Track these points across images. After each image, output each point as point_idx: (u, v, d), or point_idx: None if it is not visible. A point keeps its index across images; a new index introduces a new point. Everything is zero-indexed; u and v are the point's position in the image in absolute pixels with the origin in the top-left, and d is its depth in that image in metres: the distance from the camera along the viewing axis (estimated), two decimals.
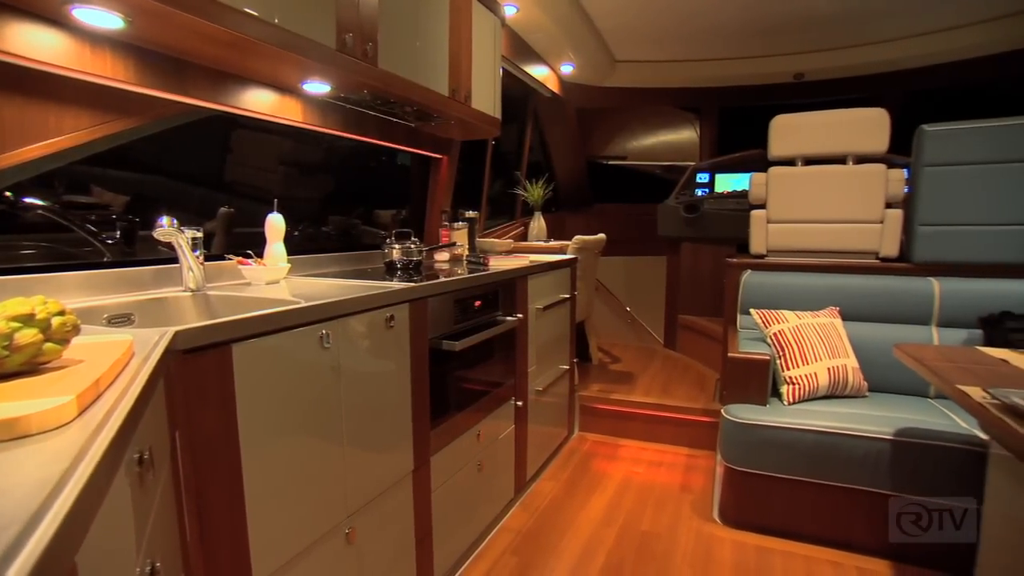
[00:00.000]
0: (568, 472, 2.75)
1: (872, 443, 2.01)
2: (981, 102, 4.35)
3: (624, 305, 4.93)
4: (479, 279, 2.00)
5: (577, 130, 4.73)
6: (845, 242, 2.67)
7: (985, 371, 1.55)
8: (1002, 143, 2.39)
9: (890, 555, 2.02)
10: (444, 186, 2.95)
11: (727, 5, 3.39)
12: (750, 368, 2.23)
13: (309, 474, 1.23)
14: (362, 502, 1.42)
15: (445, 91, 2.24)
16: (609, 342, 4.54)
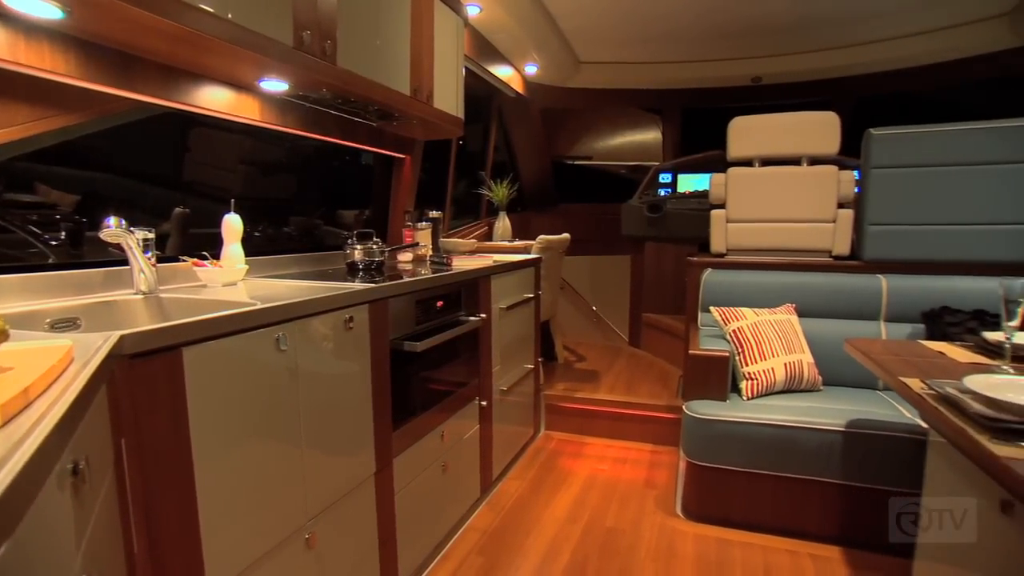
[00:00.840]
0: (534, 471, 2.76)
1: (825, 435, 2.08)
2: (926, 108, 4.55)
3: (590, 304, 4.97)
4: (441, 279, 1.99)
5: (542, 130, 4.76)
6: (800, 241, 2.76)
7: (925, 363, 1.62)
8: (943, 147, 2.50)
9: (841, 541, 2.10)
10: (407, 186, 2.92)
11: (688, 10, 3.46)
12: (710, 365, 2.28)
13: (267, 479, 1.21)
14: (322, 506, 1.40)
15: (407, 90, 2.22)
16: (575, 341, 4.58)
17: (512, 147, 4.79)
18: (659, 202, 3.75)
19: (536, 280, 2.99)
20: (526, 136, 4.71)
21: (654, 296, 4.24)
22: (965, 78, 3.88)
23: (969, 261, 2.48)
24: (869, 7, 3.38)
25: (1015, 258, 2.43)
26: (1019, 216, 2.43)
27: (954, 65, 3.77)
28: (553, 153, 5.33)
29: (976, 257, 2.48)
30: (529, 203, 5.10)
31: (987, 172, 2.46)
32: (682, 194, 4.01)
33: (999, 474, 0.98)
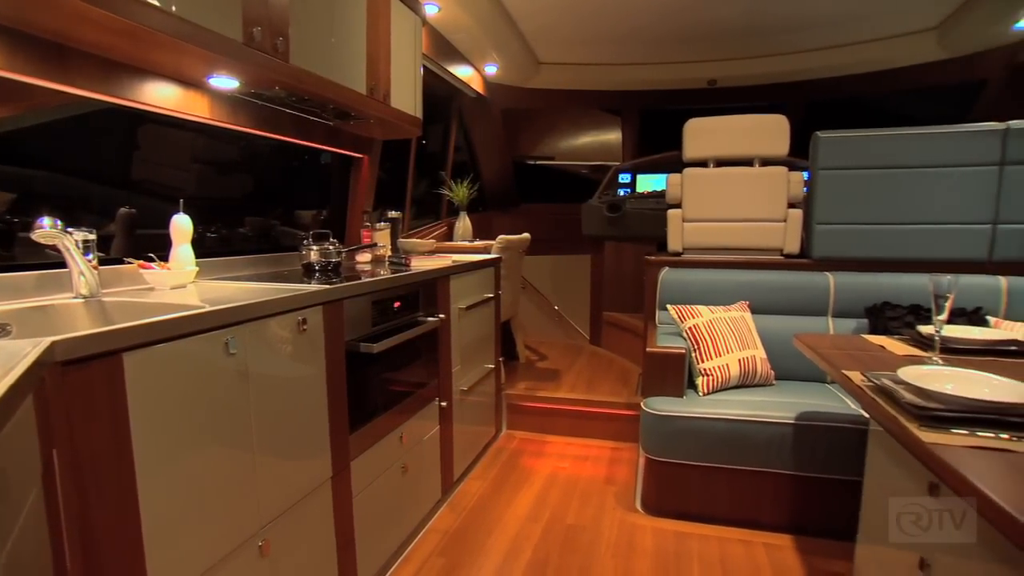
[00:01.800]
0: (496, 470, 2.76)
1: (777, 428, 2.15)
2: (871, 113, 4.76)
3: (551, 303, 5.01)
4: (398, 280, 1.98)
5: (502, 130, 4.76)
6: (753, 240, 2.84)
7: (867, 356, 1.69)
8: (885, 151, 2.61)
9: (792, 529, 2.18)
10: (365, 186, 2.89)
11: (645, 13, 3.52)
12: (667, 362, 2.33)
13: (216, 487, 1.18)
14: (276, 512, 1.37)
15: (363, 89, 2.19)
16: (536, 340, 4.61)
17: (473, 147, 4.78)
18: (618, 202, 3.81)
19: (496, 280, 3.00)
20: (487, 136, 4.72)
21: (614, 295, 4.30)
22: (903, 86, 4.08)
23: (909, 259, 2.59)
24: (815, 16, 3.51)
25: (951, 256, 2.56)
26: (954, 217, 2.56)
27: (893, 73, 3.97)
28: (515, 153, 5.34)
29: (915, 255, 2.60)
30: (490, 203, 5.10)
31: (926, 175, 2.58)
32: (641, 194, 4.08)
33: (926, 459, 1.03)
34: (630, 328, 3.87)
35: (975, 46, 3.55)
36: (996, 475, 0.93)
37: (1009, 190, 2.48)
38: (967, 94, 3.86)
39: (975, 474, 0.92)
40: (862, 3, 3.31)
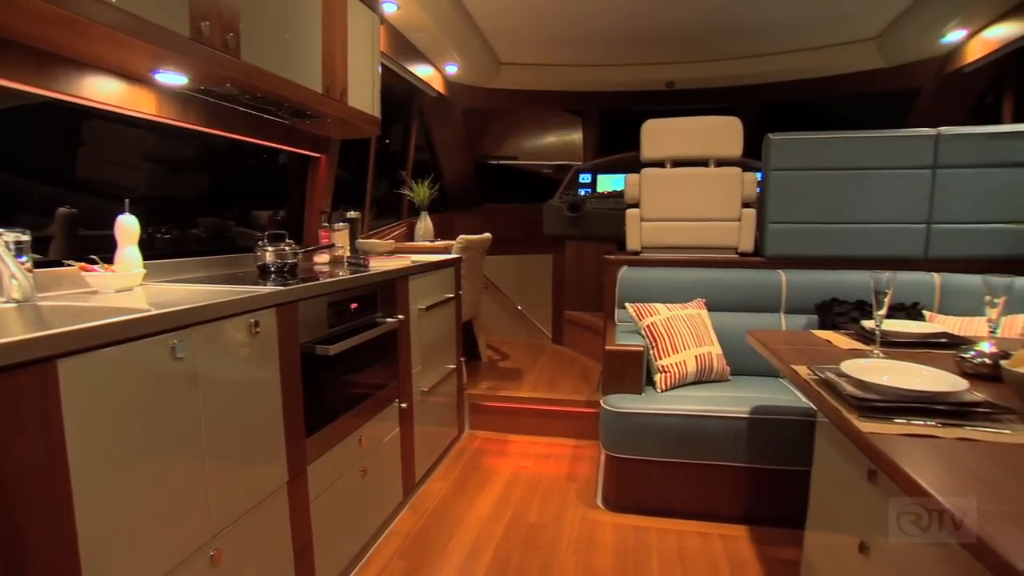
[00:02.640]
0: (458, 471, 2.76)
1: (731, 422, 2.21)
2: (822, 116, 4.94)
3: (514, 303, 5.02)
4: (354, 281, 1.95)
5: (464, 130, 4.75)
6: (709, 239, 2.91)
7: (814, 351, 1.75)
8: (832, 153, 2.72)
9: (747, 520, 2.25)
10: (323, 186, 2.84)
11: (604, 16, 3.56)
12: (625, 359, 2.37)
13: (163, 497, 1.14)
14: (229, 520, 1.33)
15: (319, 88, 2.16)
16: (499, 339, 4.62)
17: (434, 147, 4.76)
18: (579, 202, 3.85)
19: (457, 280, 2.99)
20: (448, 136, 4.70)
21: (575, 294, 4.35)
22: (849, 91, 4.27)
23: (855, 257, 2.70)
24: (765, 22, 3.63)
25: (892, 254, 2.68)
26: (894, 217, 2.68)
27: (839, 79, 4.15)
28: (479, 153, 5.34)
29: (860, 253, 2.71)
30: (452, 203, 5.08)
31: (868, 177, 2.69)
32: (601, 194, 4.13)
33: (864, 447, 1.08)
34: (591, 327, 3.92)
35: (910, 56, 3.74)
36: (922, 460, 0.98)
37: (941, 192, 2.61)
38: (905, 101, 4.05)
39: (905, 460, 0.96)
40: (808, 11, 3.44)
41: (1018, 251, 2.56)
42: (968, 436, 1.07)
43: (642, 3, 3.35)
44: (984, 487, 0.90)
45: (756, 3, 3.33)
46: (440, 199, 4.77)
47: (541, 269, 4.79)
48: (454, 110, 4.52)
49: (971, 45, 3.37)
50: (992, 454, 1.00)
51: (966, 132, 2.59)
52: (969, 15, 3.14)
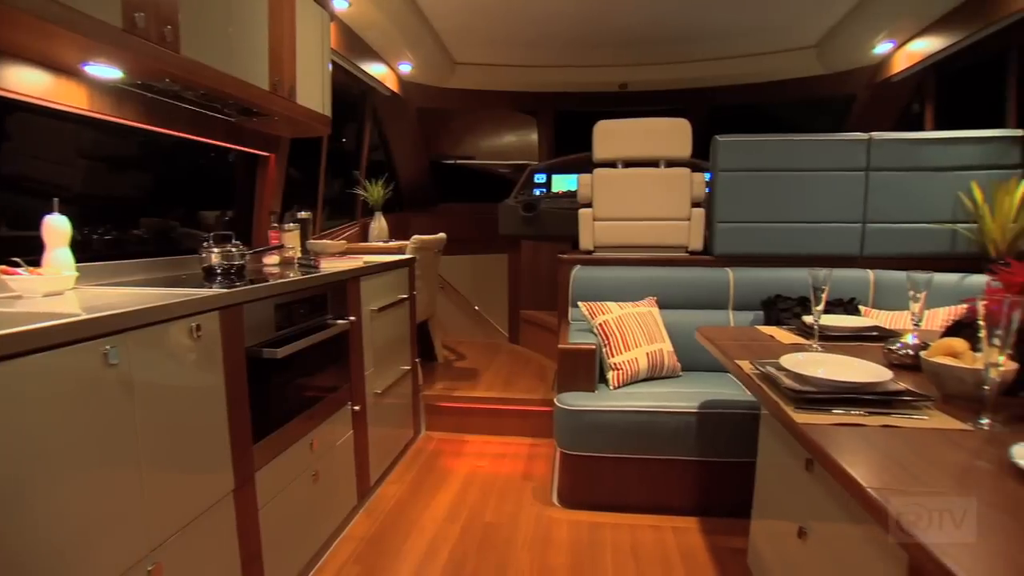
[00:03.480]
0: (414, 473, 2.74)
1: (682, 417, 2.27)
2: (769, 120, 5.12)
3: (470, 302, 5.02)
4: (303, 282, 1.91)
5: (419, 129, 4.72)
6: (660, 238, 2.97)
7: (758, 346, 1.82)
8: (776, 155, 2.83)
9: (698, 512, 2.31)
10: (272, 186, 2.77)
11: (557, 18, 3.60)
12: (578, 358, 2.40)
13: (93, 511, 1.09)
14: (169, 532, 1.29)
15: (266, 85, 2.11)
16: (456, 339, 4.60)
17: (389, 146, 4.71)
18: (533, 201, 3.87)
19: (410, 280, 2.97)
20: (403, 135, 4.66)
21: (531, 293, 4.37)
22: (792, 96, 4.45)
23: (798, 254, 2.81)
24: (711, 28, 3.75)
25: (831, 252, 2.81)
26: (833, 216, 2.81)
27: (783, 84, 4.32)
28: (437, 152, 5.31)
29: (803, 251, 2.82)
30: (408, 203, 5.04)
31: (809, 178, 2.81)
32: (556, 194, 4.17)
33: (799, 437, 1.12)
34: (547, 325, 3.95)
35: (846, 64, 3.94)
36: (849, 447, 1.03)
37: (874, 193, 2.76)
38: (843, 106, 4.25)
39: (834, 447, 1.01)
40: (751, 19, 3.57)
41: (942, 249, 2.72)
42: (891, 423, 1.13)
43: (594, 6, 3.41)
44: (901, 469, 0.95)
45: (703, 9, 3.43)
46: (395, 199, 4.72)
47: (497, 269, 4.80)
48: (408, 109, 4.49)
49: (898, 56, 3.57)
50: (910, 439, 1.07)
51: (894, 137, 2.74)
52: (895, 29, 3.34)
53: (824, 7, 3.41)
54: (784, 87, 4.34)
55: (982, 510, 0.81)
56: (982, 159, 2.66)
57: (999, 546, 0.74)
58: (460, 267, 4.94)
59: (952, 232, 2.70)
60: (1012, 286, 1.26)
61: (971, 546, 0.72)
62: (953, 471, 0.95)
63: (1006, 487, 0.87)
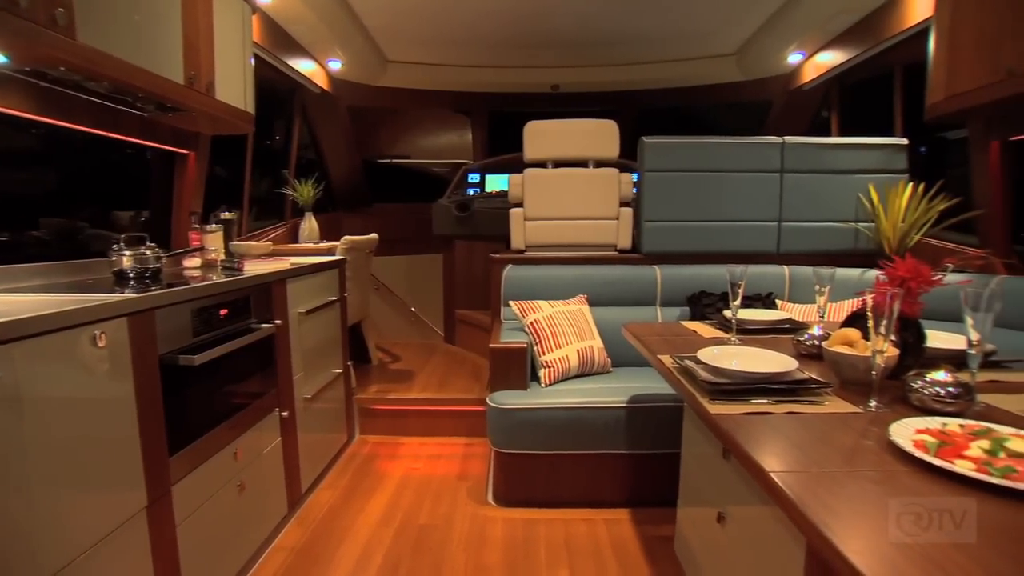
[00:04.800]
0: (347, 478, 2.68)
1: (612, 412, 2.33)
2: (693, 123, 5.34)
3: (406, 303, 4.96)
4: (223, 285, 1.84)
5: (351, 128, 4.62)
6: (590, 236, 3.04)
7: (680, 341, 1.89)
8: (699, 156, 2.95)
9: (629, 503, 2.38)
10: (192, 185, 2.65)
11: (488, 18, 3.61)
12: (510, 357, 2.42)
13: None
14: (72, 556, 1.20)
15: (180, 79, 2.01)
16: (391, 341, 4.54)
17: (319, 145, 4.59)
18: (467, 201, 3.87)
19: (341, 282, 2.90)
20: (334, 134, 4.55)
21: (466, 293, 4.37)
22: (715, 100, 4.67)
23: (721, 252, 2.94)
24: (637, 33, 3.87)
25: (751, 249, 2.96)
26: (752, 215, 2.96)
27: (707, 89, 4.52)
28: (374, 151, 5.22)
29: (725, 248, 2.96)
30: (340, 203, 4.93)
31: (730, 179, 2.95)
32: (489, 194, 4.18)
33: (714, 428, 1.18)
34: (482, 325, 3.96)
35: (763, 72, 4.17)
36: (756, 433, 1.10)
37: (788, 194, 2.93)
38: (761, 111, 4.49)
39: (742, 435, 1.07)
40: (674, 25, 3.72)
41: (847, 246, 2.92)
42: (794, 410, 1.21)
43: (524, 8, 3.44)
44: (800, 452, 1.02)
45: (630, 14, 3.53)
46: (327, 199, 4.61)
47: (432, 269, 4.77)
48: (339, 107, 4.38)
49: (807, 67, 3.82)
50: (810, 423, 1.15)
51: (804, 142, 2.92)
52: (804, 40, 3.57)
53: (741, 18, 3.59)
54: (708, 91, 4.53)
55: (862, 484, 0.89)
56: (876, 164, 2.89)
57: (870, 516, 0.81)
58: (395, 268, 4.88)
59: (855, 230, 2.91)
60: (895, 280, 1.37)
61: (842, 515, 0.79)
62: (843, 451, 1.03)
63: (884, 462, 0.96)
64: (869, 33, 3.11)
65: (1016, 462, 0.88)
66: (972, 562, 0.68)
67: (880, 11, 3.00)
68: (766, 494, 0.92)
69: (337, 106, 4.35)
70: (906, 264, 1.40)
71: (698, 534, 1.79)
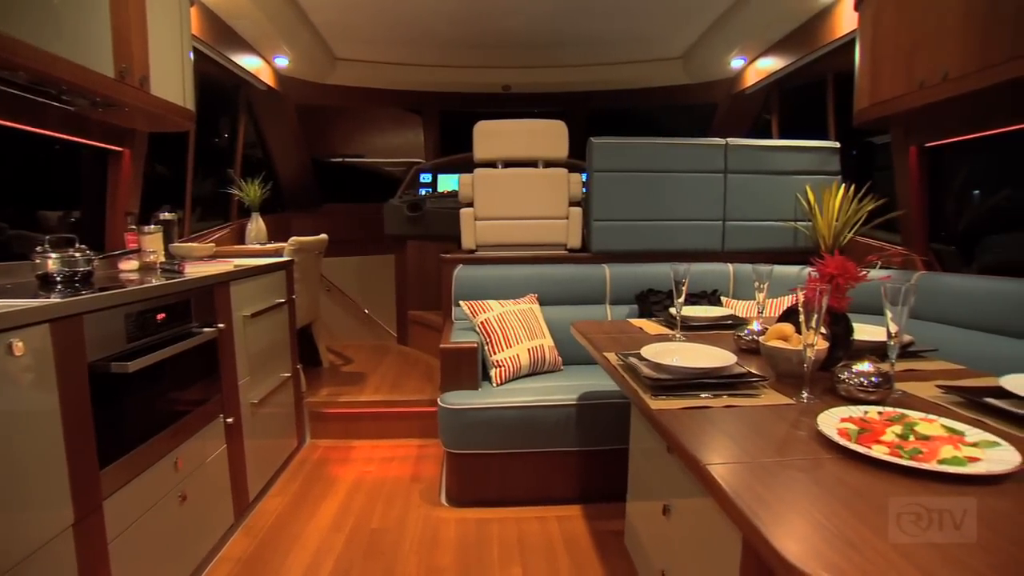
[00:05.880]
0: (298, 484, 2.62)
1: (562, 410, 2.35)
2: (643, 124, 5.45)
3: (358, 304, 4.89)
4: (160, 289, 1.77)
5: (299, 126, 4.52)
6: (540, 236, 3.07)
7: (626, 338, 1.93)
8: (648, 157, 3.01)
9: (580, 499, 2.41)
10: (127, 184, 2.53)
11: (437, 17, 3.59)
12: (460, 357, 2.42)
13: None
14: None
15: (110, 72, 1.91)
16: (343, 343, 4.47)
17: (267, 144, 4.46)
18: (418, 201, 3.85)
19: (289, 283, 2.83)
20: (282, 132, 4.43)
21: (418, 293, 4.34)
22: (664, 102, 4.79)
23: (668, 250, 3.01)
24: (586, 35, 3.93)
25: (697, 247, 3.05)
26: (698, 214, 3.05)
27: (655, 91, 4.62)
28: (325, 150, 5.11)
29: (673, 247, 3.03)
30: (289, 203, 4.81)
31: (677, 179, 3.02)
32: (441, 194, 4.16)
33: (655, 423, 1.21)
34: (434, 325, 3.94)
35: (708, 76, 4.30)
36: (694, 427, 1.13)
37: (731, 193, 3.03)
38: (707, 113, 4.63)
39: (681, 430, 1.11)
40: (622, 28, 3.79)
41: (787, 244, 3.05)
42: (731, 403, 1.25)
43: (474, 7, 3.44)
44: (734, 444, 1.06)
45: (578, 17, 3.58)
46: (276, 199, 4.49)
47: (384, 270, 4.71)
48: (287, 105, 4.28)
49: (749, 71, 3.97)
50: (746, 416, 1.19)
51: (745, 143, 3.03)
52: (745, 46, 3.71)
53: (686, 23, 3.69)
54: (656, 93, 4.64)
55: (791, 473, 0.93)
56: (812, 166, 3.03)
57: (796, 503, 0.85)
58: (346, 269, 4.80)
59: (794, 229, 3.03)
60: (825, 276, 1.44)
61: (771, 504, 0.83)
62: (776, 441, 1.07)
63: (812, 450, 1.01)
64: (804, 42, 3.26)
65: (923, 444, 0.94)
66: (884, 542, 0.73)
67: (813, 21, 3.15)
68: (702, 487, 0.96)
69: (285, 104, 4.24)
70: (834, 261, 1.47)
71: (646, 527, 1.84)
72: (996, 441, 0.97)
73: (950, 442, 0.94)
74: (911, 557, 0.69)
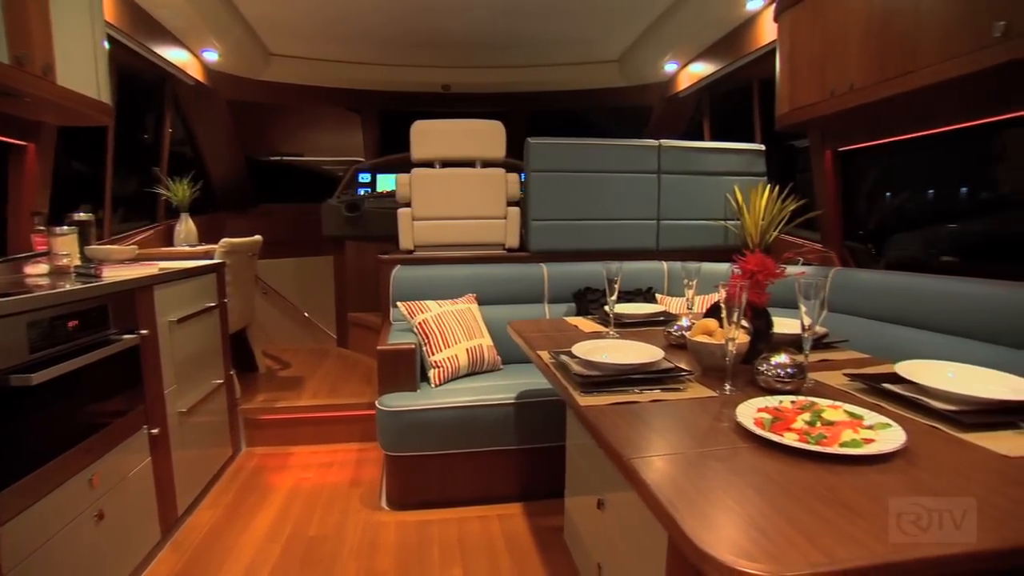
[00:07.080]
0: (231, 495, 2.52)
1: (501, 409, 2.36)
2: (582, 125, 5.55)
3: (297, 307, 4.75)
4: (70, 294, 1.65)
5: (232, 124, 4.34)
6: (478, 236, 3.07)
7: (561, 336, 1.95)
8: (584, 157, 3.07)
9: (521, 497, 2.42)
10: (33, 182, 2.36)
11: (374, 14, 3.53)
12: (398, 358, 2.39)
13: None
14: None
15: (4, 58, 1.77)
16: (282, 347, 4.34)
17: (196, 141, 4.27)
18: (357, 201, 3.78)
19: (220, 287, 2.72)
20: (213, 129, 4.25)
21: (357, 295, 4.26)
22: (602, 103, 4.89)
23: (605, 249, 3.07)
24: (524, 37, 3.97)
25: (633, 246, 3.13)
26: (634, 214, 3.13)
27: (593, 93, 4.72)
28: (262, 149, 4.93)
29: (610, 246, 3.10)
30: (222, 204, 4.62)
31: (613, 179, 3.09)
32: (380, 194, 4.11)
33: (583, 419, 1.24)
34: (374, 327, 3.87)
35: (643, 79, 4.43)
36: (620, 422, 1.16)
37: (665, 193, 3.12)
38: (643, 115, 4.76)
39: (607, 425, 1.13)
40: (559, 31, 3.85)
41: (717, 242, 3.17)
42: (659, 397, 1.29)
43: (412, 7, 3.41)
44: (659, 437, 1.10)
45: (516, 18, 3.60)
46: (207, 200, 4.30)
47: (323, 271, 4.60)
48: (218, 101, 4.10)
49: (682, 75, 4.11)
50: (672, 409, 1.23)
51: (677, 145, 3.13)
52: (677, 51, 3.84)
53: (621, 27, 3.78)
54: (594, 95, 4.73)
55: (710, 463, 0.97)
56: (740, 167, 3.16)
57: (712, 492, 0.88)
58: (284, 270, 4.66)
59: (724, 228, 3.16)
60: (746, 273, 1.51)
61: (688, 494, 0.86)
62: (698, 432, 1.11)
63: (731, 440, 1.05)
64: (731, 48, 3.40)
65: (827, 429, 1.01)
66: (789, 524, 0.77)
67: (739, 30, 3.29)
68: (626, 480, 0.98)
69: (215, 100, 4.07)
70: (754, 259, 1.54)
71: (583, 521, 1.87)
72: (888, 423, 1.04)
73: (850, 426, 1.01)
74: (814, 539, 0.73)
